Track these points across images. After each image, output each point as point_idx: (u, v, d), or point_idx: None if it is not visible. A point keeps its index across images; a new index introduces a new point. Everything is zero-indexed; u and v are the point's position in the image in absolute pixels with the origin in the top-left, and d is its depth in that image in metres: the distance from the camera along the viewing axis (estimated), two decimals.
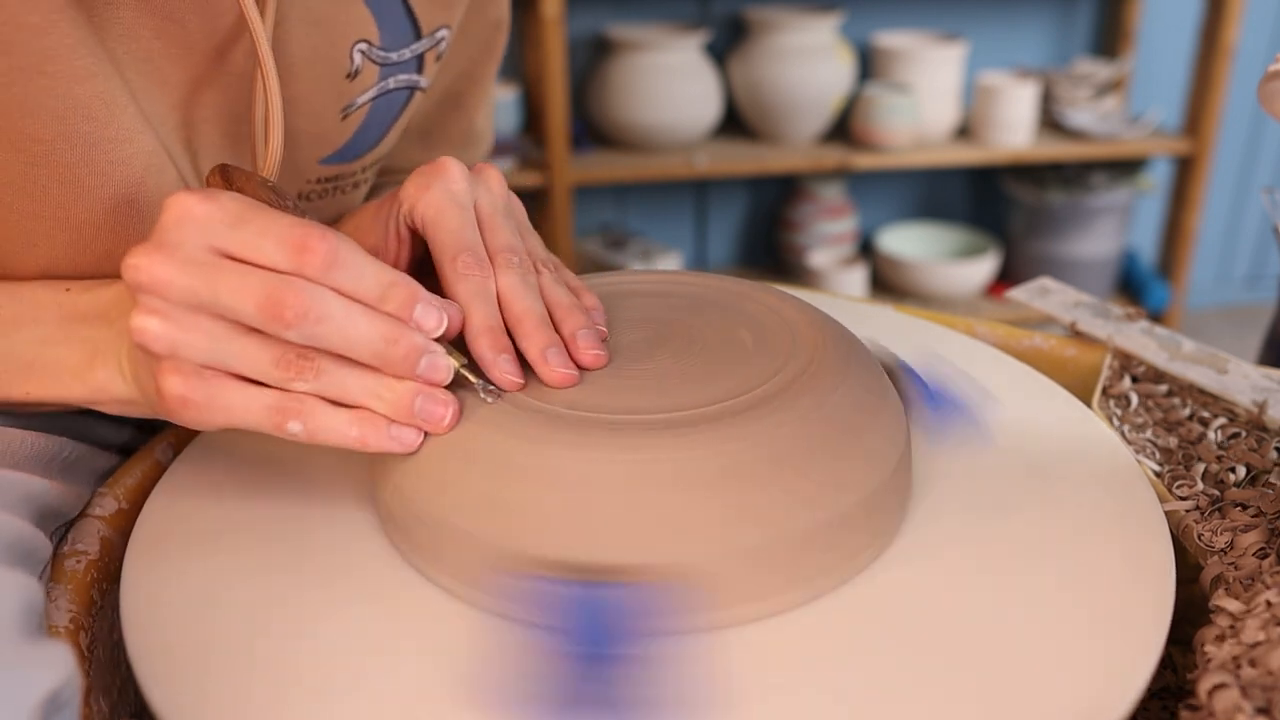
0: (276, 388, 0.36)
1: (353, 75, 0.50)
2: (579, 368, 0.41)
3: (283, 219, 0.35)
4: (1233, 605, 0.37)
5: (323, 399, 0.36)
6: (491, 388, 0.39)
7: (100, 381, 0.40)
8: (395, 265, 0.45)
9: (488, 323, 0.40)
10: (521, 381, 0.40)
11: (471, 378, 0.39)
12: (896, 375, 0.49)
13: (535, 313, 0.41)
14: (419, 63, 0.53)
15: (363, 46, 0.49)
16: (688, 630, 0.35)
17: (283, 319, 0.34)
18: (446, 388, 0.38)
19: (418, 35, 0.52)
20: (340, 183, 0.54)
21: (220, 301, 0.34)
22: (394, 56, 0.51)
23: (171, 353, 0.34)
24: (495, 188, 0.44)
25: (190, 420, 0.36)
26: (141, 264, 0.34)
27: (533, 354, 0.40)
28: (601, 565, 0.35)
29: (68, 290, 0.42)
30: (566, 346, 0.41)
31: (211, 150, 0.47)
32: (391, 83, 0.52)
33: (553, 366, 0.40)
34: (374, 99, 0.52)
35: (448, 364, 0.38)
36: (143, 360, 0.37)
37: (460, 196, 0.42)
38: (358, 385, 0.37)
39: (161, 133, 0.44)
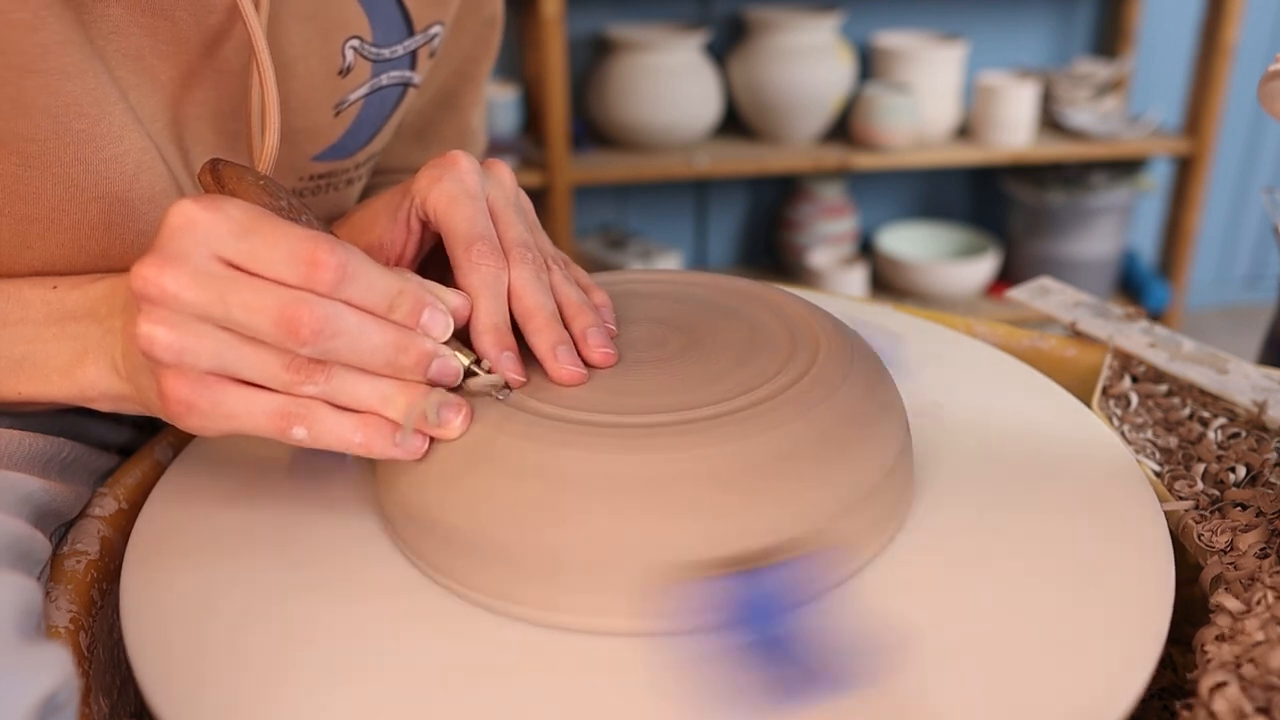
0: (282, 392, 0.36)
1: (345, 72, 0.50)
2: (588, 366, 0.41)
3: (291, 230, 0.35)
4: (1233, 605, 0.37)
5: (328, 404, 0.36)
6: (501, 385, 0.39)
7: (90, 379, 0.39)
8: (402, 257, 0.45)
9: (493, 320, 0.40)
10: (524, 379, 0.40)
11: (481, 373, 0.39)
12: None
13: (546, 309, 0.41)
14: (412, 59, 0.53)
15: (354, 43, 0.49)
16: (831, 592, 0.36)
17: (298, 336, 0.34)
18: (456, 390, 0.39)
19: (410, 31, 0.52)
20: (333, 179, 0.54)
21: (232, 316, 0.34)
22: (386, 53, 0.51)
23: (178, 361, 0.34)
24: (506, 182, 0.44)
25: (194, 426, 0.36)
26: (150, 275, 0.33)
27: (542, 350, 0.40)
28: (603, 562, 0.35)
29: (54, 288, 0.41)
30: (576, 344, 0.41)
31: (203, 147, 0.47)
32: (384, 79, 0.52)
33: (562, 364, 0.40)
34: (366, 95, 0.52)
35: (457, 366, 0.38)
36: (144, 364, 0.37)
37: (472, 188, 0.42)
38: (369, 390, 0.37)
39: (152, 130, 0.44)
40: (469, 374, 0.39)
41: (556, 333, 0.41)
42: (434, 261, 0.47)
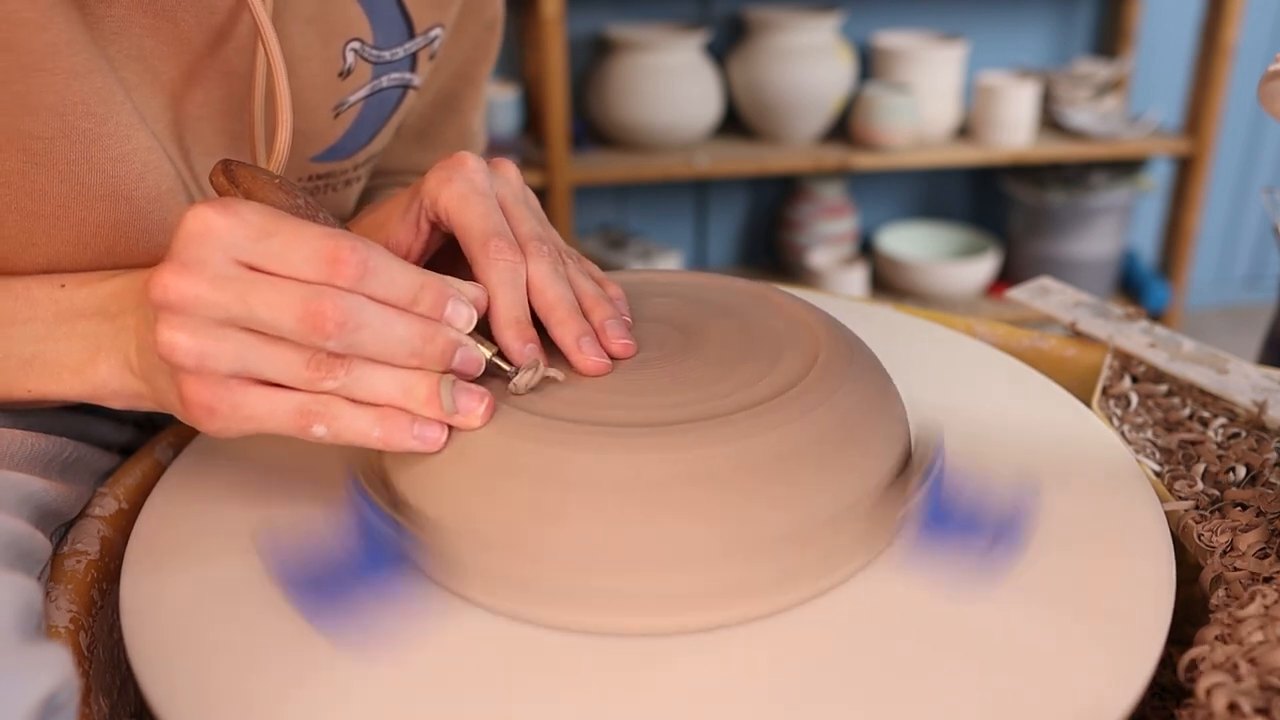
0: (302, 389, 0.36)
1: (345, 74, 0.50)
2: (609, 357, 0.41)
3: (310, 229, 0.35)
4: (1233, 605, 0.37)
5: (347, 399, 0.36)
6: (519, 377, 0.39)
7: (103, 377, 0.40)
8: (408, 257, 0.45)
9: (514, 313, 0.40)
10: (531, 376, 0.40)
11: (503, 365, 0.39)
12: (913, 471, 0.40)
13: (567, 301, 0.41)
14: (412, 61, 0.53)
15: (355, 45, 0.49)
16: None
17: (323, 330, 0.34)
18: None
19: (411, 34, 0.52)
20: (332, 180, 0.54)
21: (255, 316, 0.34)
22: (387, 55, 0.51)
23: (200, 365, 0.34)
24: (513, 180, 0.45)
25: (216, 430, 0.36)
26: (170, 283, 0.33)
27: (567, 342, 0.41)
28: (603, 562, 0.35)
29: (63, 286, 0.41)
30: (596, 336, 0.41)
31: (206, 147, 0.47)
32: (384, 81, 0.52)
33: (587, 355, 0.40)
34: (366, 97, 0.52)
35: (480, 355, 0.39)
36: (161, 367, 0.37)
37: (482, 186, 0.42)
38: (391, 381, 0.37)
39: (155, 130, 0.44)
40: (492, 366, 0.39)
41: (580, 324, 0.41)
42: (439, 263, 0.47)
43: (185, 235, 0.34)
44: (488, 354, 0.39)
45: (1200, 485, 0.45)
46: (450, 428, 0.38)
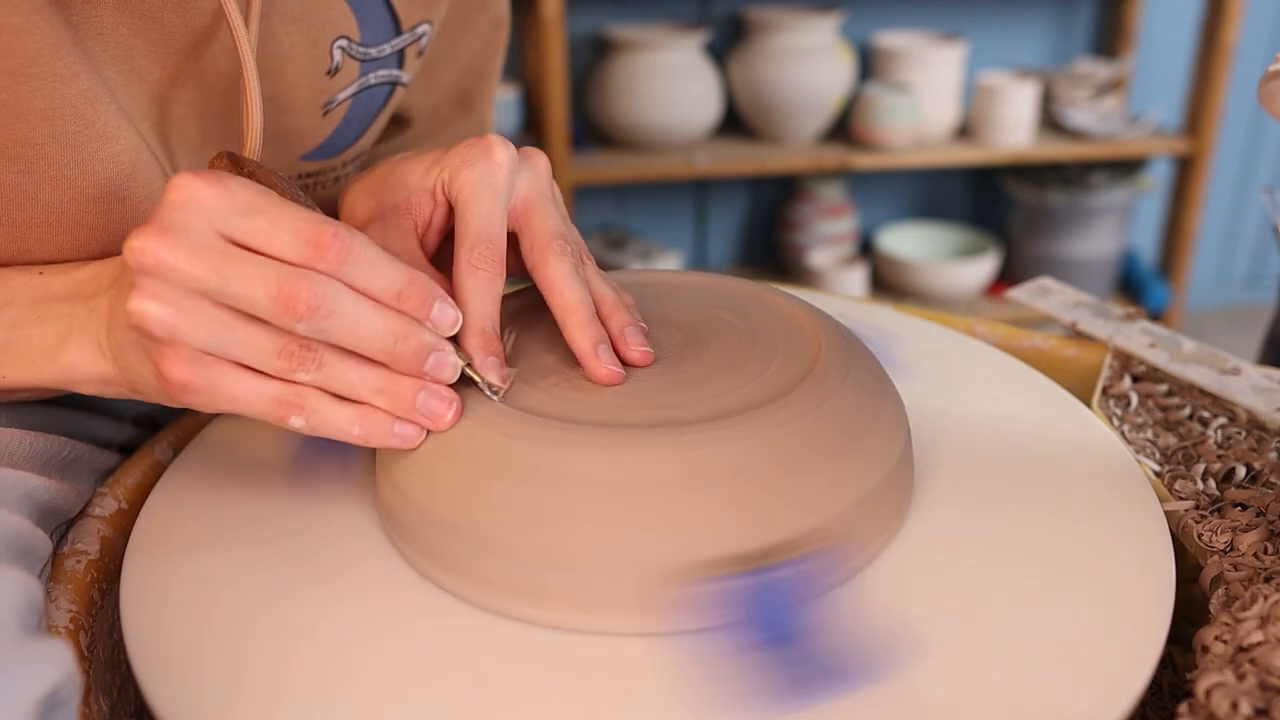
0: (279, 378, 0.36)
1: (333, 72, 0.50)
2: (625, 365, 0.41)
3: (297, 211, 0.35)
4: (1233, 605, 0.37)
5: (327, 393, 0.36)
6: (495, 386, 0.39)
7: (72, 359, 0.39)
8: (428, 224, 0.44)
9: (480, 324, 0.40)
10: (506, 385, 0.39)
11: (476, 377, 0.39)
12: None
13: (587, 305, 0.41)
14: (400, 58, 0.53)
15: (342, 43, 0.49)
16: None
17: (294, 311, 0.34)
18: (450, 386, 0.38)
19: (398, 31, 0.52)
20: (321, 178, 0.54)
21: (230, 290, 0.34)
22: (374, 52, 0.51)
23: (171, 337, 0.34)
24: (542, 173, 0.44)
25: (192, 404, 0.36)
26: (147, 247, 0.33)
27: (584, 348, 0.40)
28: (602, 562, 0.35)
29: (41, 274, 0.41)
30: (613, 343, 0.41)
31: (189, 148, 0.47)
32: (372, 78, 0.52)
33: (603, 363, 0.40)
34: (354, 95, 0.52)
35: (454, 362, 0.38)
36: (137, 343, 0.36)
37: (499, 184, 0.41)
38: (360, 380, 0.37)
39: (140, 130, 0.44)
40: (467, 376, 0.39)
41: (597, 330, 0.40)
42: (448, 253, 0.46)
43: (169, 203, 0.34)
44: (462, 362, 0.39)
45: (1200, 485, 0.45)
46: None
